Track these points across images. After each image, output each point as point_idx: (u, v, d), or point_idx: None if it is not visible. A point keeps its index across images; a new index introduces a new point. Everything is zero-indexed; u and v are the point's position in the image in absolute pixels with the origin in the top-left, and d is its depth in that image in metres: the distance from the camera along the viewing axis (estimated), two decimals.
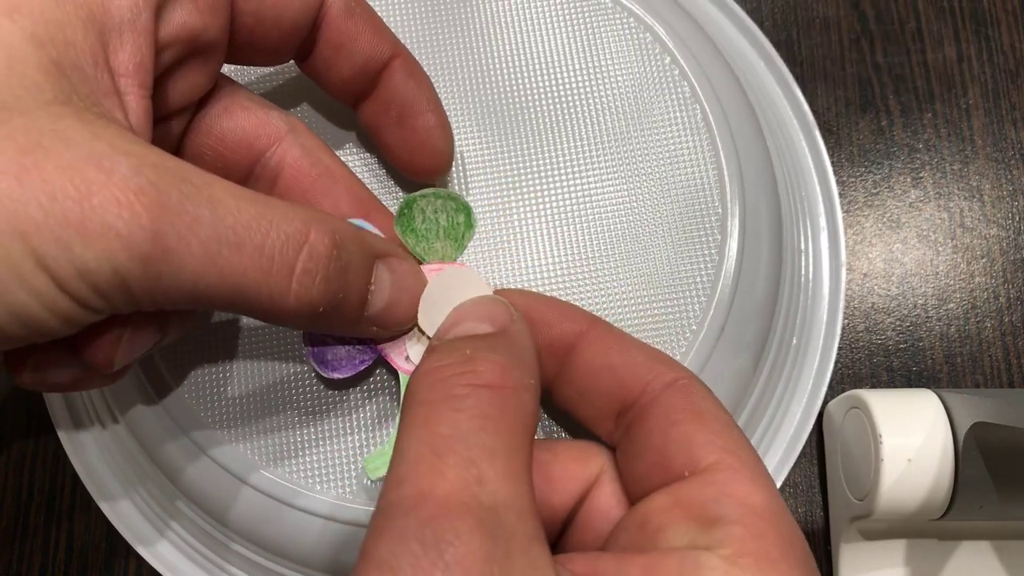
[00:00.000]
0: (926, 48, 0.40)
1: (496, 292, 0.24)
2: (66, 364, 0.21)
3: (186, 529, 0.31)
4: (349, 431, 0.26)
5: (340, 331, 0.23)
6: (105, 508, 0.32)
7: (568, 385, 0.23)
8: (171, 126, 0.23)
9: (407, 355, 0.24)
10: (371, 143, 0.29)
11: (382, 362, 0.25)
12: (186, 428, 0.27)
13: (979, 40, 0.40)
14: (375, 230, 0.24)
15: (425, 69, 0.29)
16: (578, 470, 0.22)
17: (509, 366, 0.19)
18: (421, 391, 0.19)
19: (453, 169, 0.29)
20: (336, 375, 0.24)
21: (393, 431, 0.24)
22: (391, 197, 0.29)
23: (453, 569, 0.16)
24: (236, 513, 0.27)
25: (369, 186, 0.27)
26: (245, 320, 0.27)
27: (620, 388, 0.22)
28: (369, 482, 0.26)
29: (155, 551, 0.32)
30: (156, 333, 0.21)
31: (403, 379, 0.24)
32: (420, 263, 0.25)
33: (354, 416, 0.26)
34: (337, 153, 0.27)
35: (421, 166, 0.26)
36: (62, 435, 0.33)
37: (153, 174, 0.18)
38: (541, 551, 0.17)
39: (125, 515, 0.32)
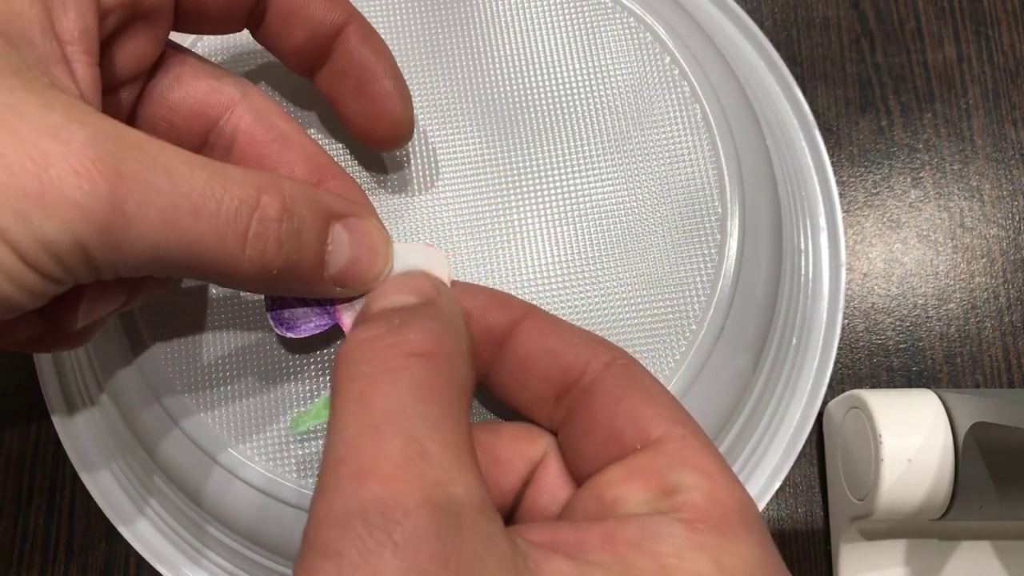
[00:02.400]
0: (926, 48, 0.40)
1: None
2: (28, 321, 0.21)
3: (165, 509, 0.31)
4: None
5: (304, 293, 0.23)
6: (91, 487, 0.33)
7: (505, 372, 0.23)
8: (122, 96, 0.23)
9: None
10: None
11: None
12: (164, 401, 0.27)
13: (979, 40, 0.40)
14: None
15: (425, 69, 0.29)
16: (524, 450, 0.22)
17: (441, 332, 0.19)
18: (353, 364, 0.19)
19: (453, 169, 0.29)
20: (291, 334, 0.24)
21: (325, 393, 0.24)
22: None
23: (403, 549, 0.15)
24: (208, 492, 0.27)
25: (331, 153, 0.27)
26: (229, 291, 0.27)
27: (560, 371, 0.22)
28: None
29: (134, 529, 0.32)
30: (119, 296, 0.21)
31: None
32: None
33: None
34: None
35: (381, 136, 0.26)
36: (55, 419, 0.34)
37: (109, 143, 0.18)
38: (492, 521, 0.17)
39: (109, 492, 0.33)
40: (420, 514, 0.16)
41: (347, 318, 0.24)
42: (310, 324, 0.24)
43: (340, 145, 0.29)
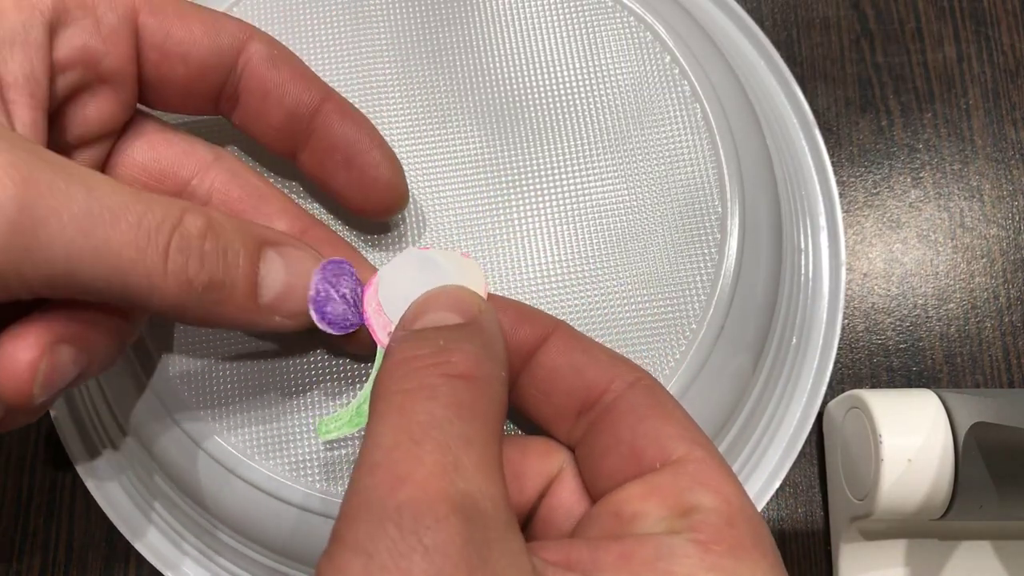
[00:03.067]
0: (926, 48, 0.40)
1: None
2: None
3: (168, 511, 0.31)
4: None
5: (240, 321, 0.23)
6: (92, 487, 0.33)
7: (529, 385, 0.23)
8: (88, 155, 0.23)
9: (390, 330, 0.24)
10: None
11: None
12: (165, 401, 0.27)
13: (979, 40, 0.40)
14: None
15: (425, 68, 0.29)
16: (541, 464, 0.22)
17: (482, 357, 0.20)
18: (395, 380, 0.19)
19: (452, 168, 0.29)
20: (331, 330, 0.24)
21: (352, 399, 0.24)
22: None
23: (432, 554, 0.16)
24: (210, 493, 0.27)
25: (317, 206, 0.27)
26: None
27: (584, 387, 0.22)
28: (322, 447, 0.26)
29: (142, 537, 0.32)
30: (75, 361, 0.21)
31: (380, 353, 0.24)
32: None
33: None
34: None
35: (376, 205, 0.26)
36: (56, 419, 0.34)
37: (25, 155, 0.18)
38: (516, 538, 0.17)
39: (111, 495, 0.33)
40: (450, 522, 0.16)
41: (377, 326, 0.24)
42: (345, 323, 0.24)
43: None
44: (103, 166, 0.24)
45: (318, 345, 0.27)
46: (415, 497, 0.16)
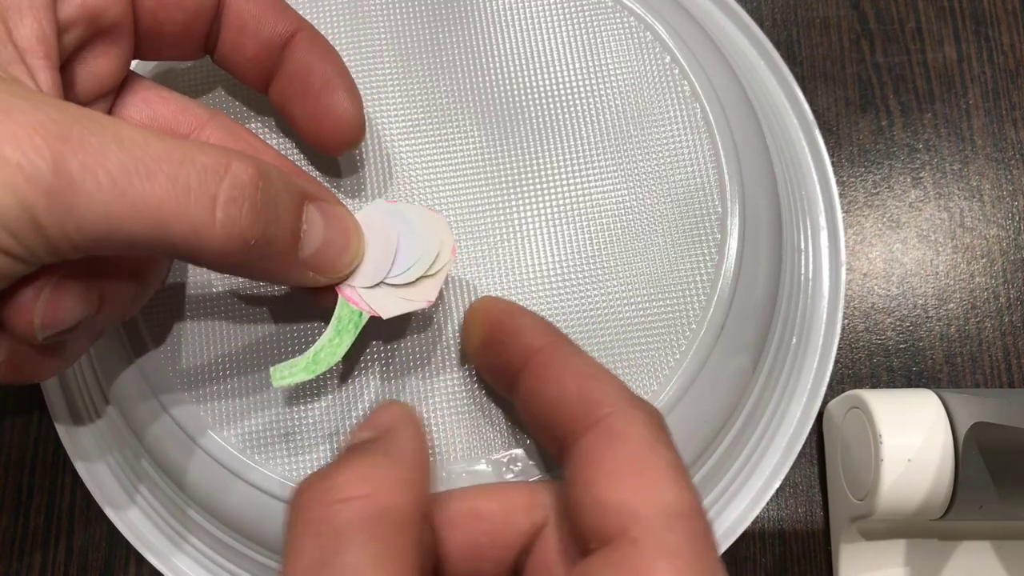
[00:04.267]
0: (926, 48, 0.40)
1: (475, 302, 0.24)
2: None
3: (159, 501, 0.31)
4: (320, 413, 0.26)
5: (276, 274, 0.22)
6: (92, 488, 0.33)
7: (521, 408, 0.22)
8: None
9: (352, 282, 0.24)
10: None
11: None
12: (162, 398, 0.27)
13: (979, 40, 0.40)
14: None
15: (424, 68, 0.29)
16: (520, 521, 0.21)
17: (372, 469, 0.19)
18: (288, 519, 0.19)
19: (452, 168, 0.29)
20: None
21: (312, 347, 0.24)
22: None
23: None
24: (197, 484, 0.27)
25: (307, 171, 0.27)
26: (229, 291, 0.27)
27: (555, 423, 0.21)
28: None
29: (124, 517, 0.32)
30: (83, 298, 0.20)
31: (340, 301, 0.24)
32: None
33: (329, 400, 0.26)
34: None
35: (330, 137, 0.26)
36: (56, 420, 0.33)
37: (54, 112, 0.18)
38: None
39: (109, 493, 0.33)
40: None
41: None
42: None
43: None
44: None
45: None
46: None
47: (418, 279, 0.24)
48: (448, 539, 0.20)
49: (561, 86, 0.29)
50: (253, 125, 0.29)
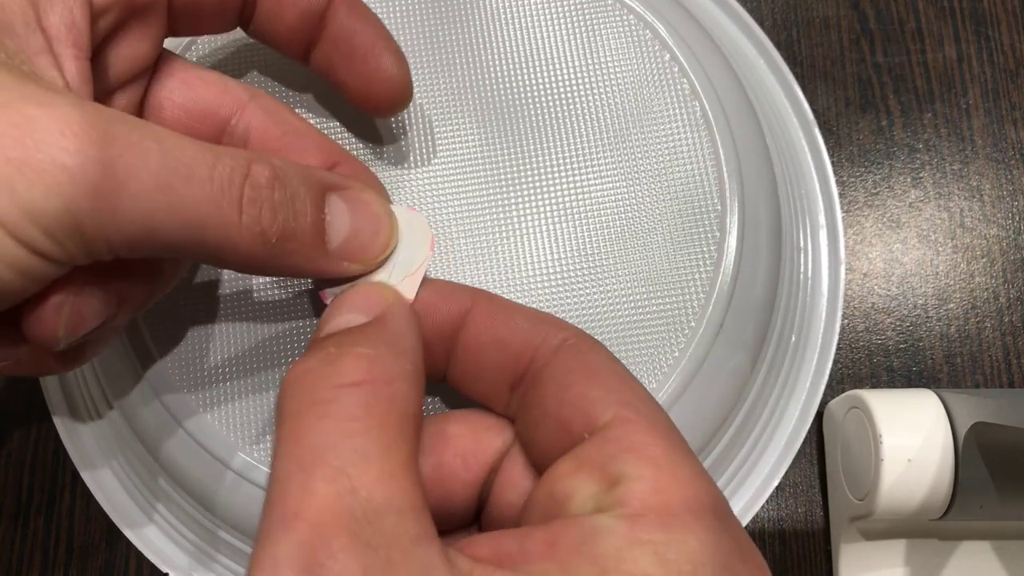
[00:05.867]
0: (926, 48, 0.40)
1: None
2: (5, 341, 0.20)
3: (172, 512, 0.31)
4: None
5: (308, 268, 0.22)
6: (93, 488, 0.33)
7: (460, 366, 0.22)
8: (124, 98, 0.23)
9: (330, 288, 0.24)
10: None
11: None
12: (166, 401, 0.27)
13: (979, 40, 0.40)
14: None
15: (425, 66, 0.29)
16: (487, 441, 0.21)
17: (376, 357, 0.19)
18: (286, 401, 0.18)
19: (452, 166, 0.29)
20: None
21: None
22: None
23: None
24: (221, 498, 0.27)
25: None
26: (232, 291, 0.27)
27: (510, 360, 0.21)
28: None
29: (140, 533, 0.32)
30: (104, 302, 0.20)
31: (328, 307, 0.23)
32: None
33: None
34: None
35: (380, 99, 0.26)
36: (56, 420, 0.34)
37: (93, 111, 0.17)
38: (427, 549, 0.16)
39: (112, 495, 0.33)
40: (347, 554, 0.15)
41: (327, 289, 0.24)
42: None
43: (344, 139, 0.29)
44: (139, 109, 0.24)
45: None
46: (308, 535, 0.16)
47: (402, 279, 0.24)
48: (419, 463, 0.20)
49: (560, 84, 0.30)
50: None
